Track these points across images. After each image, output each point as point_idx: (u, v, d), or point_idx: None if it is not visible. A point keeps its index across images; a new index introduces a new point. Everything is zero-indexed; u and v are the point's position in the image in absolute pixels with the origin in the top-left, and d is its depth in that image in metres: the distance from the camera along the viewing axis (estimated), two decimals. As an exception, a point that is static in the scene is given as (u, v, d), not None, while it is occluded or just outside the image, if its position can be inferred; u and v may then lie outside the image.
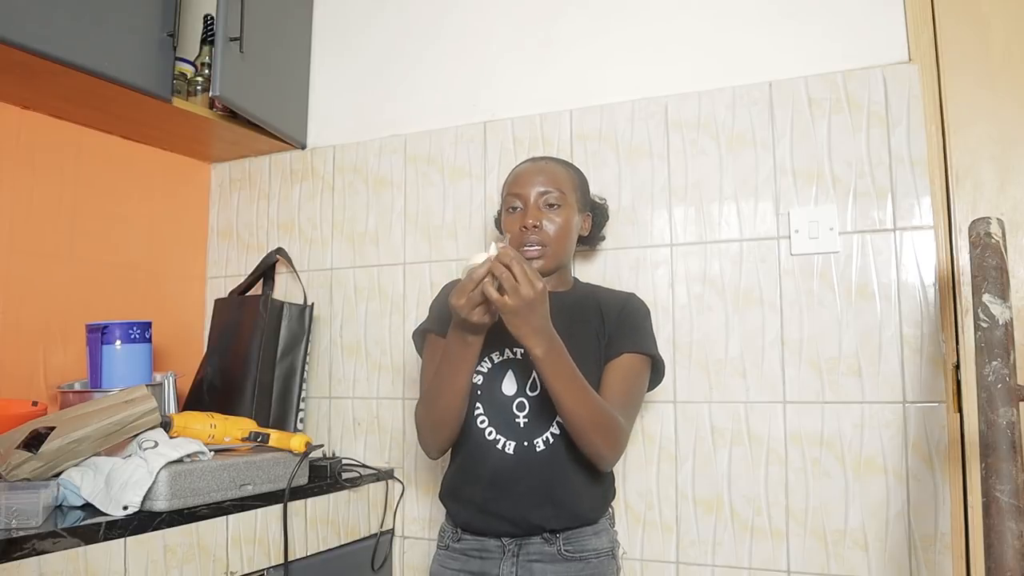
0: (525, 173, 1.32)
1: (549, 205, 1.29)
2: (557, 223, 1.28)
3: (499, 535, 1.25)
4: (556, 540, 1.23)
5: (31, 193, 1.65)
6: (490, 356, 1.28)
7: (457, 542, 1.29)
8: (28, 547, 0.97)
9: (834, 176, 1.46)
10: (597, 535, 1.27)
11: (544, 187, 1.29)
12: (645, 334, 1.31)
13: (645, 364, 1.29)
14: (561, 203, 1.29)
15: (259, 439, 1.39)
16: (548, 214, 1.28)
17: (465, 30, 1.83)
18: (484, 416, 1.26)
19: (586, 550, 1.24)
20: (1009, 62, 1.38)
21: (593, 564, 1.24)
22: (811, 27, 1.51)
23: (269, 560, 1.35)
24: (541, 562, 1.22)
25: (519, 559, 1.23)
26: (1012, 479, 0.86)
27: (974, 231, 1.05)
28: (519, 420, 1.24)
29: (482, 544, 1.26)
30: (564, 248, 1.31)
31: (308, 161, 1.98)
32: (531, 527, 1.23)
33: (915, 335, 1.38)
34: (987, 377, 0.94)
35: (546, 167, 1.33)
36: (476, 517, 1.26)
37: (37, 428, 1.20)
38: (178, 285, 2.01)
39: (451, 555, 1.30)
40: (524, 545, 1.24)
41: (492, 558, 1.25)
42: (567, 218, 1.30)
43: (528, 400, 1.24)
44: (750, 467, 1.46)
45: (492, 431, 1.25)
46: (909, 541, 1.35)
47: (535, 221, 1.27)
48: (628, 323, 1.30)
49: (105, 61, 1.47)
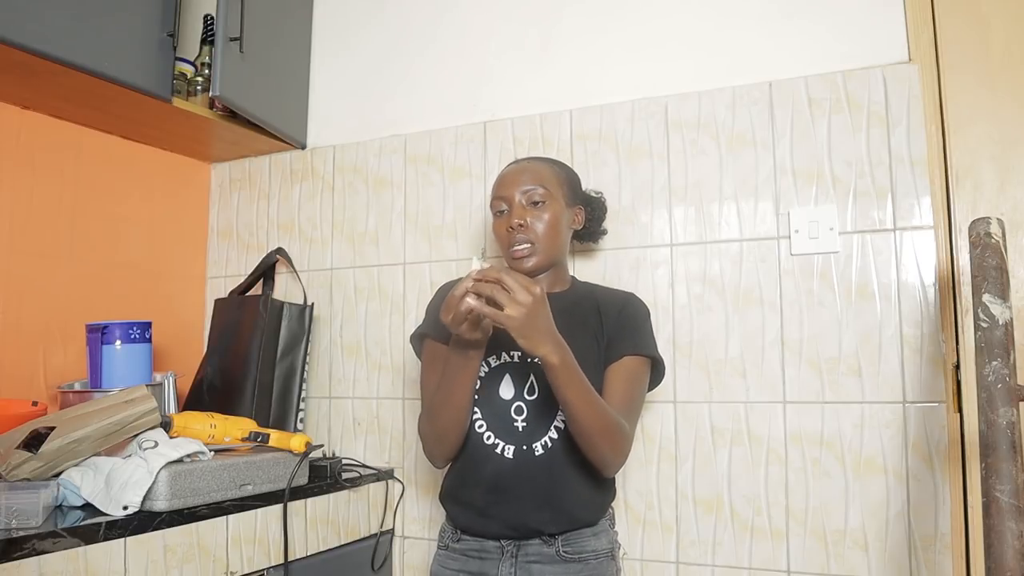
0: (508, 175, 1.32)
1: (534, 203, 1.27)
2: (544, 219, 1.27)
3: (498, 537, 1.25)
4: (555, 541, 1.23)
5: (31, 193, 1.65)
6: (487, 360, 1.27)
7: (457, 542, 1.29)
8: (28, 547, 0.97)
9: (834, 176, 1.46)
10: (596, 536, 1.26)
11: (527, 185, 1.28)
12: (645, 335, 1.31)
13: (646, 366, 1.29)
14: (546, 199, 1.28)
15: (259, 439, 1.39)
16: (534, 211, 1.27)
17: (465, 30, 1.83)
18: (482, 420, 1.25)
19: (585, 551, 1.24)
20: (1009, 62, 1.38)
21: (592, 565, 1.24)
22: (811, 27, 1.51)
23: (269, 560, 1.35)
24: (540, 563, 1.23)
25: (518, 560, 1.23)
26: (1012, 479, 0.86)
27: (974, 231, 1.05)
28: (517, 424, 1.24)
29: (481, 545, 1.26)
30: (555, 244, 1.29)
31: (308, 161, 1.98)
32: (529, 531, 1.23)
33: (915, 335, 1.38)
34: (987, 377, 0.94)
35: (528, 166, 1.32)
36: (475, 520, 1.26)
37: (37, 428, 1.20)
38: (178, 285, 2.01)
39: (451, 555, 1.30)
40: (523, 546, 1.24)
41: (491, 559, 1.25)
42: (554, 213, 1.28)
43: (526, 404, 1.24)
44: (750, 467, 1.46)
45: (491, 435, 1.25)
46: (909, 541, 1.35)
47: (520, 220, 1.26)
48: (628, 324, 1.29)
49: (105, 61, 1.47)
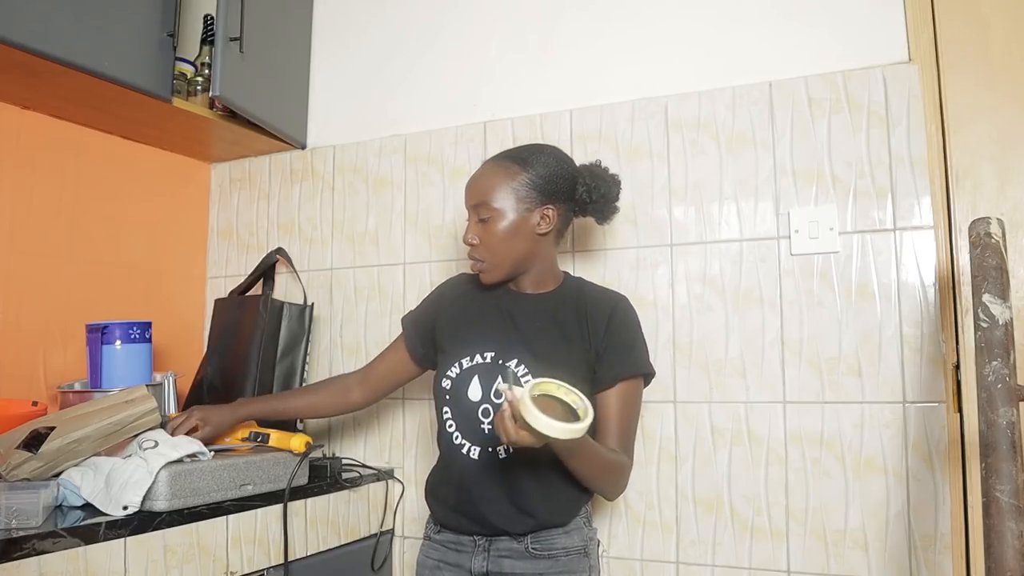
0: (466, 186, 1.31)
1: (481, 220, 1.26)
2: (491, 233, 1.25)
3: (470, 533, 1.27)
4: (524, 539, 1.23)
5: (31, 193, 1.65)
6: (460, 361, 1.27)
7: (437, 534, 1.33)
8: (28, 547, 0.97)
9: (834, 176, 1.46)
10: (568, 534, 1.25)
11: (474, 200, 1.27)
12: (639, 349, 1.28)
13: (641, 382, 1.28)
14: (491, 215, 1.25)
15: (259, 439, 1.39)
16: (481, 229, 1.26)
17: (465, 30, 1.83)
18: (452, 420, 1.27)
19: (554, 548, 1.23)
20: (1009, 62, 1.38)
21: (562, 562, 1.23)
22: (811, 27, 1.51)
23: (269, 560, 1.35)
24: (511, 558, 1.24)
25: (490, 554, 1.25)
26: (1012, 479, 0.86)
27: (974, 231, 1.05)
28: (484, 426, 1.24)
29: (457, 539, 1.29)
30: (510, 255, 1.26)
31: (308, 161, 1.98)
32: (496, 529, 1.24)
33: (915, 335, 1.38)
34: (987, 377, 0.94)
35: (478, 178, 1.29)
36: (450, 516, 1.29)
37: (37, 428, 1.20)
38: (178, 285, 2.01)
39: (432, 546, 1.33)
40: (494, 541, 1.25)
41: (466, 551, 1.27)
42: (500, 228, 1.25)
43: (493, 407, 1.23)
44: (750, 467, 1.46)
45: (459, 435, 1.26)
46: (909, 541, 1.35)
47: (472, 239, 1.27)
48: (620, 339, 1.25)
49: (105, 61, 1.47)
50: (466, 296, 1.37)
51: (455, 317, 1.35)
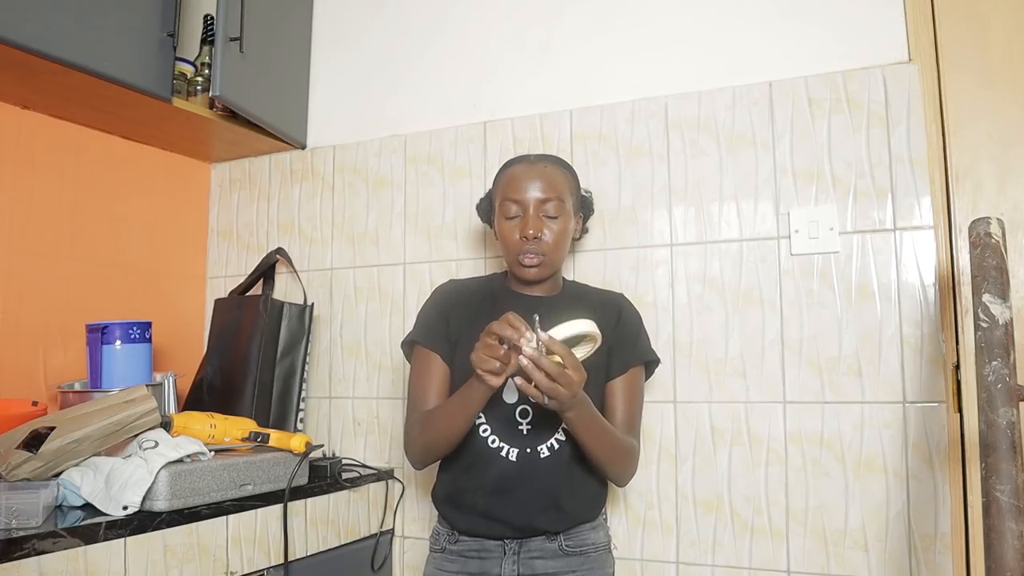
0: (523, 177, 1.27)
1: (548, 215, 1.26)
2: (555, 231, 1.26)
3: (501, 537, 1.26)
4: (557, 537, 1.25)
5: (31, 193, 1.65)
6: None
7: (454, 544, 1.29)
8: (28, 547, 0.97)
9: (834, 176, 1.46)
10: (595, 530, 1.29)
11: (544, 194, 1.26)
12: (644, 340, 1.35)
13: (643, 370, 1.34)
14: (559, 212, 1.26)
15: (259, 439, 1.39)
16: (548, 224, 1.26)
17: (465, 30, 1.83)
18: (487, 425, 1.26)
19: (585, 544, 1.27)
20: (1009, 62, 1.38)
21: (592, 558, 1.27)
22: (811, 27, 1.51)
23: (269, 560, 1.35)
24: (543, 558, 1.24)
25: (520, 556, 1.25)
26: (1012, 479, 0.86)
27: (974, 231, 1.05)
28: (522, 427, 1.25)
29: (481, 545, 1.27)
30: (561, 256, 1.31)
31: (308, 161, 1.98)
32: (535, 530, 1.24)
33: (915, 335, 1.38)
34: (987, 377, 0.94)
35: (545, 171, 1.28)
36: (478, 522, 1.26)
37: (37, 428, 1.20)
38: (178, 285, 2.01)
39: (448, 558, 1.30)
40: (525, 543, 1.25)
41: (492, 557, 1.26)
42: (565, 226, 1.28)
43: (531, 407, 1.25)
44: (750, 467, 1.46)
45: (495, 439, 1.25)
46: (909, 541, 1.35)
47: (536, 232, 1.24)
48: (629, 332, 1.32)
49: (105, 61, 1.47)
50: (474, 301, 1.34)
51: (472, 321, 1.28)
